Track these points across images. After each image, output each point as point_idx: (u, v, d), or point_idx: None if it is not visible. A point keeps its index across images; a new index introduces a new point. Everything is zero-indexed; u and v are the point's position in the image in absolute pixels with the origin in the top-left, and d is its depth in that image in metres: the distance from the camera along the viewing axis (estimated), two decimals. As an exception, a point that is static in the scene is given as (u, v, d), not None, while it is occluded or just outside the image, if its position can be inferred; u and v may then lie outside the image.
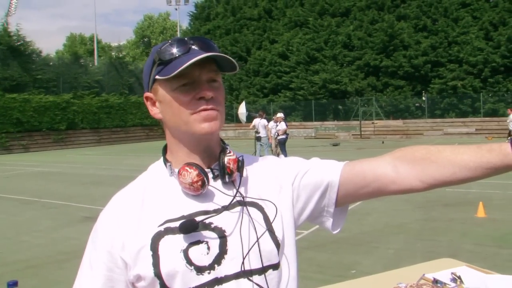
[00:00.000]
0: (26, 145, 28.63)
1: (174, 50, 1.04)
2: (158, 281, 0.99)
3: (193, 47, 1.05)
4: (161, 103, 1.08)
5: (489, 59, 30.29)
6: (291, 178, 1.14)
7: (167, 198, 1.07)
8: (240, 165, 1.09)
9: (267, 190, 1.12)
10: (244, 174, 1.12)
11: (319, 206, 1.14)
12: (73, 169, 17.11)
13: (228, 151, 1.09)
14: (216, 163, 1.10)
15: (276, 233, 1.07)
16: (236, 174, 1.08)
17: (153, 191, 1.08)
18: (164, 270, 0.98)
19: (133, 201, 1.08)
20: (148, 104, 1.12)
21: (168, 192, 1.08)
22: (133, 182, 1.14)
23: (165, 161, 1.12)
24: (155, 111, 1.11)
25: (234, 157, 1.09)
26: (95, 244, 1.06)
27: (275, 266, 1.06)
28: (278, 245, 1.06)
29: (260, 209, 1.09)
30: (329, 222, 1.16)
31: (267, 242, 1.05)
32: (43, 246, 6.44)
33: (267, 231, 1.06)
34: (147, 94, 1.12)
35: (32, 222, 8.05)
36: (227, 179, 1.07)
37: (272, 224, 1.07)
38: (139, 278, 1.01)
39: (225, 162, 1.07)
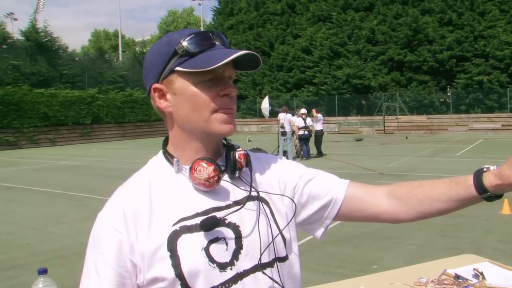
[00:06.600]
0: (53, 139, 29.23)
1: (202, 43, 0.99)
2: (179, 282, 0.95)
3: (216, 42, 1.02)
4: (177, 96, 1.02)
5: (517, 53, 29.64)
6: (294, 180, 1.17)
7: (178, 195, 1.02)
8: (248, 159, 1.09)
9: (272, 187, 1.13)
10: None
11: (316, 216, 1.19)
12: (97, 162, 17.38)
13: (237, 146, 1.09)
14: (220, 158, 1.09)
15: (281, 227, 1.09)
16: (244, 169, 1.08)
17: (161, 189, 1.03)
18: (186, 270, 0.95)
19: (139, 200, 1.02)
20: (156, 95, 1.04)
21: (178, 190, 1.03)
22: (133, 178, 1.09)
23: (169, 156, 1.07)
24: (164, 104, 1.04)
25: (243, 152, 1.09)
26: (100, 247, 0.98)
27: (283, 259, 1.08)
28: (284, 239, 1.09)
29: (267, 203, 1.10)
30: (319, 232, 1.21)
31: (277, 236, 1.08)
32: (69, 237, 6.59)
33: (276, 225, 1.08)
34: (157, 85, 1.03)
35: (58, 214, 8.24)
36: (237, 174, 1.06)
37: (277, 219, 1.10)
38: (155, 280, 0.96)
39: (237, 157, 1.06)
